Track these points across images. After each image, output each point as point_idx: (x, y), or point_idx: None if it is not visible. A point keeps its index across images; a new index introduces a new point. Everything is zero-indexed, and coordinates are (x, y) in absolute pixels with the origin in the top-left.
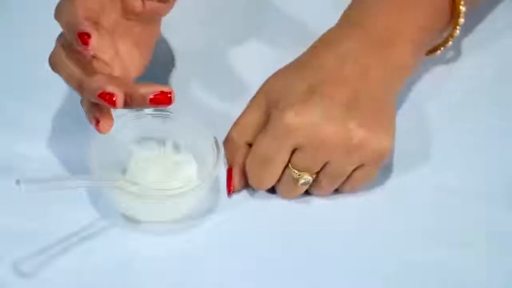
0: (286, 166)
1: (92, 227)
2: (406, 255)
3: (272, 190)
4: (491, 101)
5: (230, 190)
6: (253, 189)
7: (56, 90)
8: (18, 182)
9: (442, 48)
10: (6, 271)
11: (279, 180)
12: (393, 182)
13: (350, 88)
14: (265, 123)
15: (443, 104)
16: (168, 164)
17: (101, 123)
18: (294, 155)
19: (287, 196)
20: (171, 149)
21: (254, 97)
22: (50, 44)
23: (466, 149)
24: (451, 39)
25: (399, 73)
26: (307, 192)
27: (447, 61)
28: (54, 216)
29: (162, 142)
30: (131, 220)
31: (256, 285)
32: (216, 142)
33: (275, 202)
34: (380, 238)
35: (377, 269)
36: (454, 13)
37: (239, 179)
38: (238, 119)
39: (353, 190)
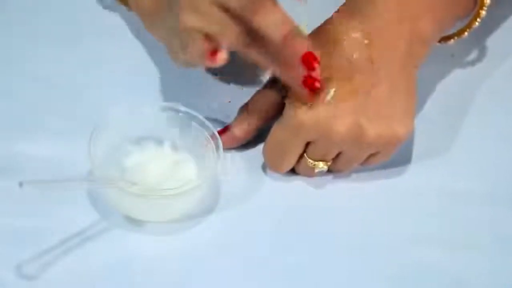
0: (302, 155)
1: (92, 227)
2: (409, 257)
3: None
4: (496, 103)
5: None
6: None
7: (57, 90)
8: (21, 184)
9: (456, 38)
10: (7, 271)
11: (297, 164)
12: (397, 185)
13: (367, 75)
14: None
15: (447, 106)
16: (167, 164)
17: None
18: (308, 147)
19: (306, 176)
20: (170, 149)
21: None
22: (50, 44)
23: (470, 151)
24: (468, 30)
25: (422, 45)
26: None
27: (451, 62)
28: (54, 216)
29: (160, 142)
30: (131, 220)
31: (256, 285)
32: (215, 141)
33: (276, 202)
34: (383, 240)
35: (380, 271)
36: (477, 3)
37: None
38: (258, 92)
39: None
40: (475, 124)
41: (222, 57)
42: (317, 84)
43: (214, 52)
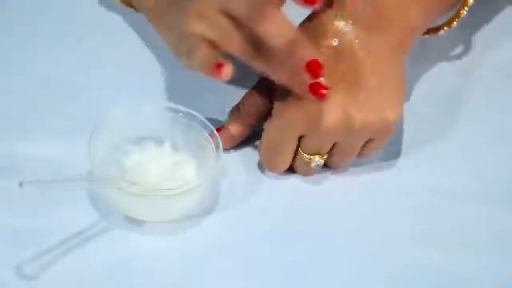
0: (297, 151)
1: (93, 227)
2: (407, 255)
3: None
4: (490, 100)
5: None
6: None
7: (57, 90)
8: (21, 184)
9: (445, 28)
10: (7, 271)
11: (293, 161)
12: (394, 183)
13: (352, 65)
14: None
15: (442, 103)
16: (167, 164)
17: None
18: (301, 141)
19: (305, 174)
20: (170, 149)
21: None
22: (50, 44)
23: (465, 149)
24: (456, 19)
25: (410, 34)
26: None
27: (445, 59)
28: (54, 216)
29: (160, 142)
30: (131, 220)
31: (256, 285)
32: (215, 141)
33: (275, 202)
34: (381, 238)
35: (378, 271)
36: None
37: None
38: (249, 91)
39: (367, 157)
40: (470, 121)
41: (227, 71)
42: (324, 91)
43: (219, 65)
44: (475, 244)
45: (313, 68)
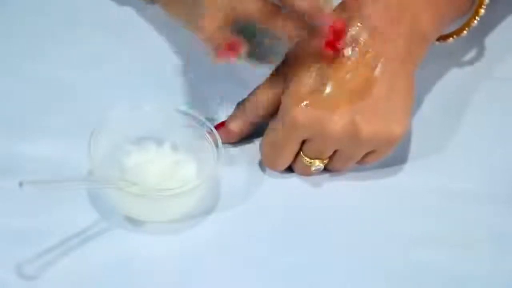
0: (298, 153)
1: (93, 227)
2: (408, 256)
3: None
4: (493, 103)
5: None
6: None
7: (57, 90)
8: (21, 184)
9: (455, 36)
10: (7, 271)
11: (293, 162)
12: (395, 184)
13: (362, 73)
14: (279, 99)
15: (445, 105)
16: (167, 164)
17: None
18: (304, 145)
19: (303, 175)
20: (170, 149)
21: (276, 69)
22: (50, 44)
23: (467, 151)
24: (467, 28)
25: (422, 43)
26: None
27: (449, 61)
28: (54, 217)
29: (160, 142)
30: (131, 220)
31: (256, 285)
32: (215, 141)
33: (275, 202)
34: (382, 239)
35: (379, 270)
36: (476, 1)
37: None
38: (256, 89)
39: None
40: (472, 123)
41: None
42: (339, 46)
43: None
44: (476, 244)
45: (338, 30)
